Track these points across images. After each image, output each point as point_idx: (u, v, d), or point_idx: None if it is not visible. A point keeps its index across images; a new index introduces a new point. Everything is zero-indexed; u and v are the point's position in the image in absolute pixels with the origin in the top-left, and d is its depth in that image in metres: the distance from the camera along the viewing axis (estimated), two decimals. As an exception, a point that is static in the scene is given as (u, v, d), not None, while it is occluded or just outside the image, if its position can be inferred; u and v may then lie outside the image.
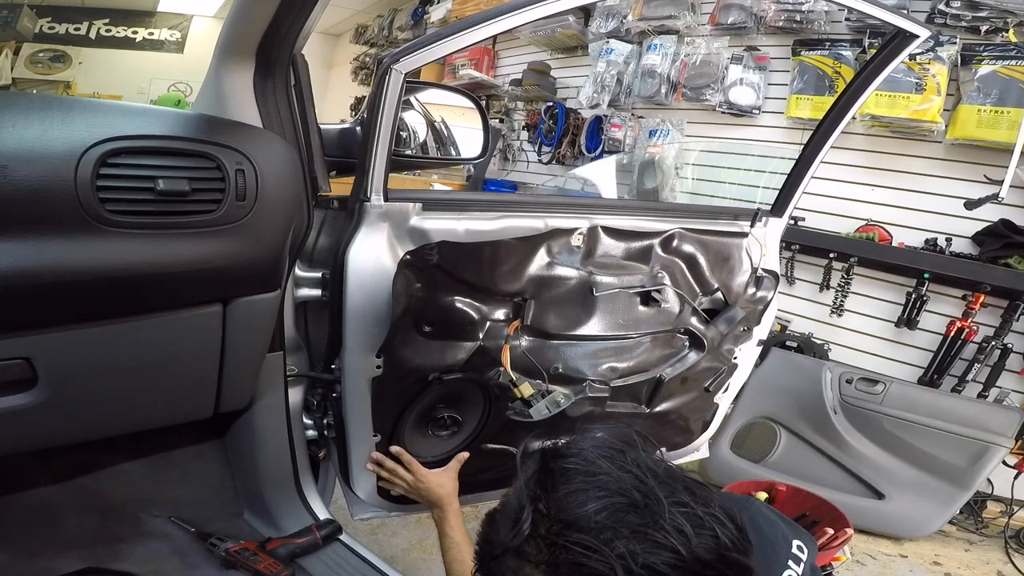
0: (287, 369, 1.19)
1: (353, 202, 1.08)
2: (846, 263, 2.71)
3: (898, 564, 2.10)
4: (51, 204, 0.73)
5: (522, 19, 1.01)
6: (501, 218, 1.19)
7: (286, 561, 1.11)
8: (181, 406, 1.04)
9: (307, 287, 1.17)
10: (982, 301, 2.39)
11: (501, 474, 1.40)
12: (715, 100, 3.16)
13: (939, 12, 2.44)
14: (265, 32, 0.91)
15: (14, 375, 0.81)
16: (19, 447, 0.95)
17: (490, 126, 1.96)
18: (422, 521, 1.92)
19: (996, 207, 2.26)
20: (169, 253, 0.83)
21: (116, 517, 1.15)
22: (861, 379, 2.28)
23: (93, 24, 7.09)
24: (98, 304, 0.83)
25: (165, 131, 0.83)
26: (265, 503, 1.24)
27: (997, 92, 2.32)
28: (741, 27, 3.07)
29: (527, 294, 1.23)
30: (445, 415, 1.32)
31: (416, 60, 0.99)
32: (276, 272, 0.99)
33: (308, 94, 1.06)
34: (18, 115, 0.74)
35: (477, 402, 1.32)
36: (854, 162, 2.77)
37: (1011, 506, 2.28)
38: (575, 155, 3.97)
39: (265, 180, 0.89)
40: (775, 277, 1.60)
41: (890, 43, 1.38)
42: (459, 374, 1.23)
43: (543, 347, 1.30)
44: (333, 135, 1.17)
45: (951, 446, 2.13)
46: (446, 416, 1.32)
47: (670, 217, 1.43)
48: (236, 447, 1.26)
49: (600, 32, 3.69)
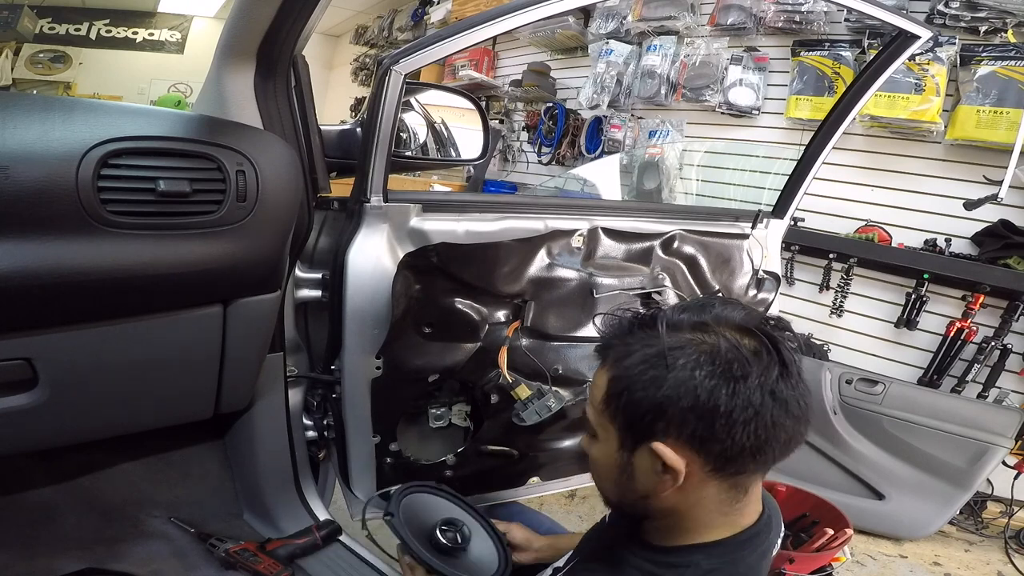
0: (287, 370, 1.19)
1: (353, 203, 1.08)
2: (845, 264, 2.71)
3: (898, 564, 2.10)
4: (52, 205, 0.73)
5: (522, 20, 1.01)
6: (501, 219, 1.19)
7: (286, 562, 1.11)
8: (181, 407, 1.04)
9: (307, 288, 1.17)
10: (982, 301, 2.39)
11: (500, 474, 1.40)
12: (715, 101, 3.16)
13: (938, 13, 2.44)
14: (266, 33, 0.91)
15: (14, 375, 0.81)
16: (19, 447, 0.95)
17: (490, 127, 1.96)
18: (422, 522, 1.92)
19: (995, 207, 2.26)
20: (170, 254, 0.83)
21: (116, 517, 1.15)
22: (861, 380, 2.28)
23: (93, 25, 7.10)
24: (99, 305, 0.83)
25: (166, 132, 0.83)
26: (265, 504, 1.24)
27: (996, 92, 2.32)
28: (741, 28, 3.07)
29: (527, 295, 1.23)
30: (444, 416, 1.32)
31: (416, 61, 1.00)
32: (276, 273, 0.99)
33: (308, 95, 1.06)
34: (19, 116, 0.74)
35: (474, 404, 1.32)
36: (853, 163, 2.77)
37: (1011, 506, 2.28)
38: (575, 156, 3.97)
39: (266, 181, 0.89)
40: (776, 279, 1.60)
41: (891, 44, 1.38)
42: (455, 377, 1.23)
43: (543, 348, 1.30)
44: (333, 136, 1.18)
45: (951, 446, 2.13)
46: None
47: (671, 218, 1.43)
48: (236, 448, 1.26)
49: (600, 33, 3.69)
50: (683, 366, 0.62)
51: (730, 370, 0.61)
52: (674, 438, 0.63)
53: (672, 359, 0.63)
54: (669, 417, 0.63)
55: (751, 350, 0.63)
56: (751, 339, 0.64)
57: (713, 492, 0.66)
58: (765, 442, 0.62)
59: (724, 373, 0.61)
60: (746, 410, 0.61)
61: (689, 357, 0.62)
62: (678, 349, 0.63)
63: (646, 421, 0.64)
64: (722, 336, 0.64)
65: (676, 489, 0.65)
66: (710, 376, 0.61)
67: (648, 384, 0.64)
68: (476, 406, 1.33)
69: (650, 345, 0.65)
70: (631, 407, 0.65)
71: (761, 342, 0.64)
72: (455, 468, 1.33)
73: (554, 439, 1.43)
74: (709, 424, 0.61)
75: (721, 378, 0.61)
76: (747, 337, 0.64)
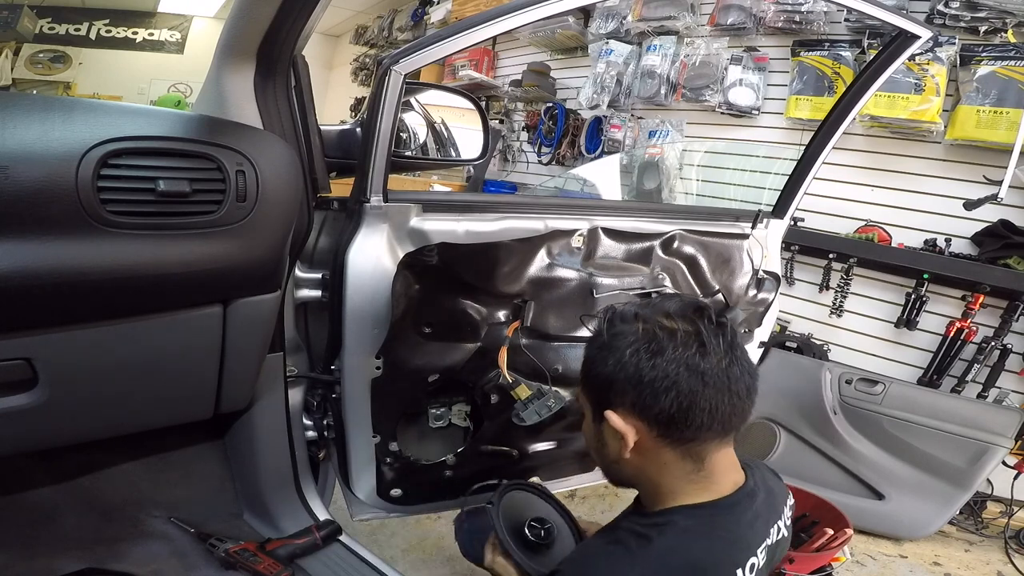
0: (287, 370, 1.19)
1: (353, 203, 1.08)
2: (845, 264, 2.71)
3: (898, 564, 2.10)
4: (52, 205, 0.73)
5: (522, 20, 1.02)
6: (501, 219, 1.19)
7: (286, 562, 1.11)
8: (181, 407, 1.04)
9: (307, 288, 1.17)
10: (981, 301, 2.39)
11: (500, 474, 1.40)
12: (715, 101, 3.16)
13: (938, 13, 2.44)
14: (266, 33, 0.91)
15: (14, 375, 0.81)
16: (19, 447, 0.95)
17: (490, 127, 1.96)
18: (421, 522, 1.92)
19: (995, 207, 2.26)
20: (170, 254, 0.83)
21: (116, 517, 1.15)
22: (861, 379, 2.28)
23: (93, 25, 7.10)
24: (99, 305, 0.83)
25: (166, 132, 0.83)
26: (265, 504, 1.24)
27: (996, 92, 2.32)
28: (740, 28, 3.07)
29: (527, 295, 1.23)
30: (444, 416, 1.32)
31: (416, 61, 1.00)
32: (276, 273, 0.99)
33: (308, 95, 1.06)
34: (19, 116, 0.74)
35: (474, 404, 1.32)
36: (853, 163, 2.77)
37: (1011, 506, 2.28)
38: (575, 156, 3.97)
39: (266, 181, 0.89)
40: (776, 279, 1.60)
41: (891, 44, 1.38)
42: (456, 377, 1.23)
43: (543, 348, 1.30)
44: (333, 136, 1.18)
45: (951, 446, 2.13)
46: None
47: (671, 218, 1.43)
48: (236, 448, 1.26)
49: (600, 33, 3.69)
50: (619, 347, 0.79)
51: (649, 347, 0.77)
52: (621, 407, 0.80)
53: (614, 342, 0.80)
54: (615, 389, 0.79)
55: (669, 331, 0.78)
56: (672, 323, 0.79)
57: (672, 459, 0.80)
58: (688, 409, 0.76)
59: (646, 350, 0.77)
60: (664, 380, 0.76)
61: (625, 340, 0.79)
62: (619, 335, 0.80)
63: (602, 393, 0.82)
64: (652, 323, 0.79)
65: (637, 454, 0.81)
66: (635, 353, 0.78)
67: (600, 363, 0.82)
68: (476, 406, 1.33)
69: (602, 334, 0.83)
70: (591, 382, 0.84)
71: (680, 325, 0.78)
72: (455, 468, 1.33)
73: (554, 439, 1.43)
74: (639, 392, 0.77)
75: (644, 354, 0.77)
76: (670, 321, 0.79)
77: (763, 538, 0.81)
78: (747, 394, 0.80)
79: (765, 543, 0.81)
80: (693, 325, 0.78)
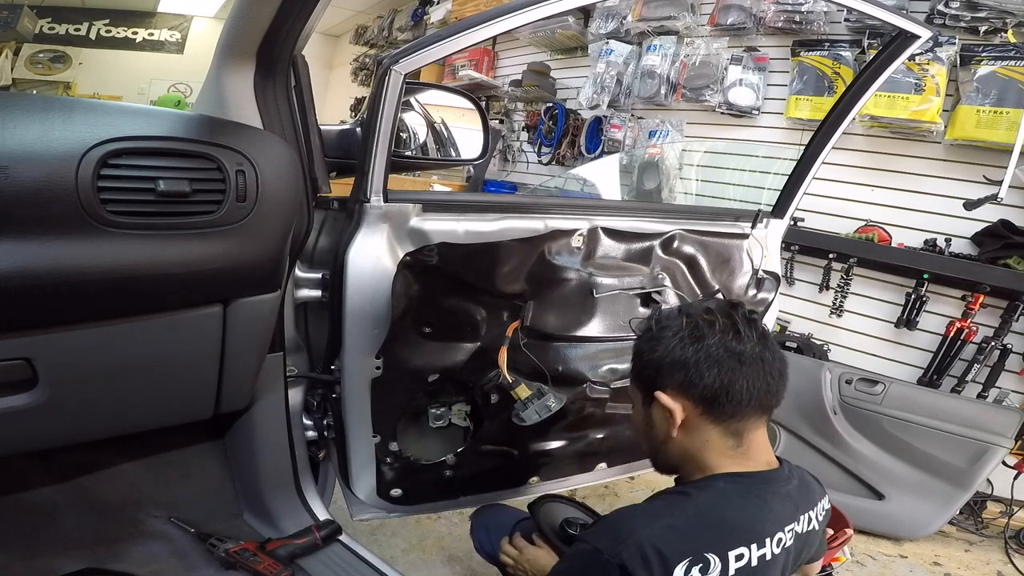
0: (287, 370, 1.19)
1: (353, 203, 1.08)
2: (845, 263, 2.71)
3: (898, 564, 2.10)
4: (52, 205, 0.73)
5: (522, 20, 1.02)
6: (501, 219, 1.19)
7: (286, 562, 1.11)
8: (181, 407, 1.04)
9: (307, 288, 1.17)
10: (981, 301, 2.40)
11: (500, 474, 1.40)
12: (715, 101, 3.16)
13: (938, 13, 2.44)
14: (266, 33, 0.91)
15: (14, 375, 0.81)
16: (19, 447, 0.95)
17: (490, 127, 1.96)
18: (421, 522, 1.92)
19: (995, 207, 2.26)
20: (170, 254, 0.83)
21: (116, 517, 1.15)
22: (861, 379, 2.28)
23: (93, 25, 7.10)
24: (98, 305, 0.83)
25: (166, 132, 0.83)
26: (265, 504, 1.24)
27: (996, 92, 2.32)
28: (740, 28, 3.07)
29: (527, 295, 1.23)
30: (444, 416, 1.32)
31: (416, 61, 1.00)
32: (276, 273, 0.99)
33: (308, 95, 1.06)
34: (19, 116, 0.74)
35: (474, 404, 1.32)
36: (853, 163, 2.77)
37: (1011, 506, 2.28)
38: (575, 156, 3.97)
39: (265, 181, 0.89)
40: (776, 279, 1.60)
41: (891, 44, 1.38)
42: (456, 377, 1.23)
43: (543, 348, 1.30)
44: (333, 136, 1.18)
45: (951, 446, 2.13)
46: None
47: (671, 218, 1.43)
48: (236, 448, 1.26)
49: (600, 33, 3.69)
50: (666, 337, 0.90)
51: (693, 334, 0.88)
52: (669, 388, 0.89)
53: (662, 333, 0.91)
54: (664, 372, 0.89)
55: (709, 321, 0.89)
56: (711, 315, 0.90)
57: (714, 435, 0.88)
58: (729, 386, 0.86)
59: (690, 336, 0.88)
60: (708, 360, 0.86)
61: (671, 330, 0.90)
62: (666, 328, 0.91)
63: (650, 377, 0.92)
64: (694, 315, 0.91)
65: (683, 432, 0.89)
66: (681, 340, 0.89)
67: (649, 352, 0.92)
68: (476, 406, 1.33)
69: (651, 329, 0.94)
70: (641, 369, 0.94)
71: (718, 317, 0.89)
72: (455, 468, 1.33)
73: (554, 439, 1.43)
74: (685, 372, 0.87)
75: (688, 340, 0.88)
76: (709, 314, 0.90)
77: (792, 519, 0.87)
78: (779, 376, 0.89)
79: (794, 526, 0.87)
80: (729, 317, 0.89)
